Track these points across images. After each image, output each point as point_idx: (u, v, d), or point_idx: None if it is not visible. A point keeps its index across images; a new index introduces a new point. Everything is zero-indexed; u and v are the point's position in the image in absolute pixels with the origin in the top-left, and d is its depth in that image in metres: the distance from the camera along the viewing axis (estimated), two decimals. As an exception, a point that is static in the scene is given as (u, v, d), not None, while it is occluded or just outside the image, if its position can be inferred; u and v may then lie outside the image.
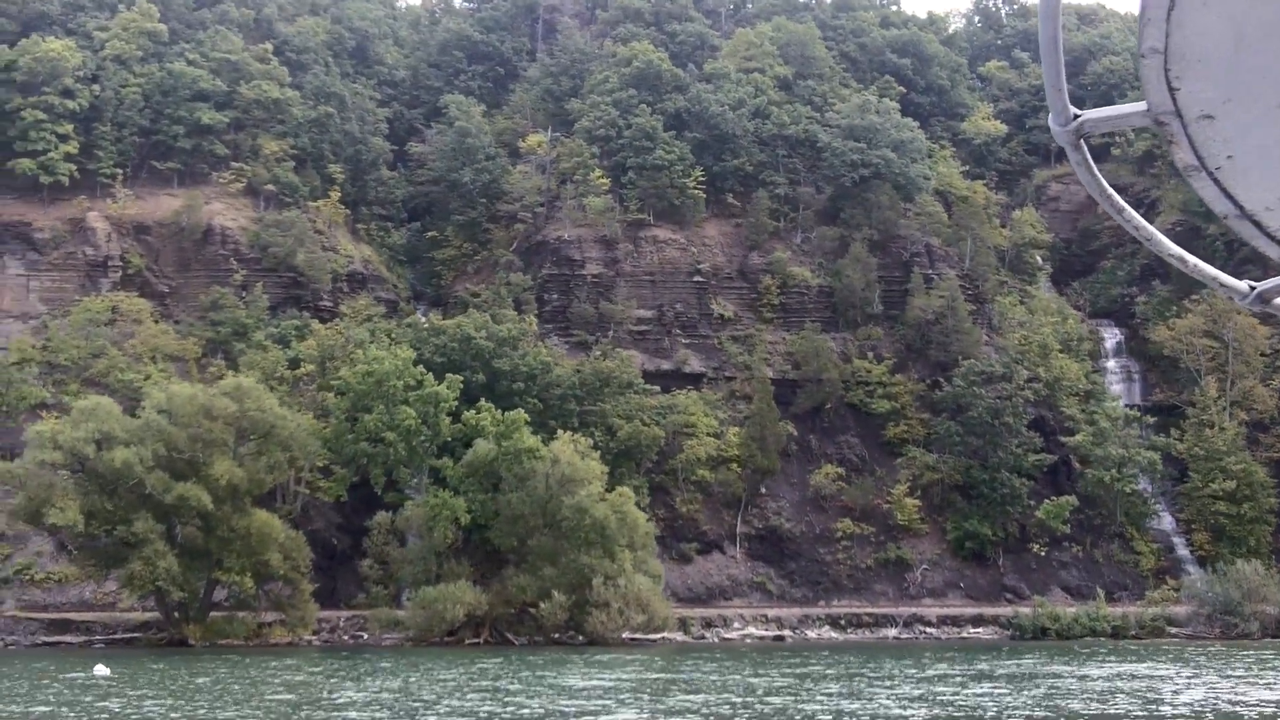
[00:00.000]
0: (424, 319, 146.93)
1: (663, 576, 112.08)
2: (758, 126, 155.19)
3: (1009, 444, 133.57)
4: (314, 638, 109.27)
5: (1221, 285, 5.64)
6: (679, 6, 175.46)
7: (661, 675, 73.26)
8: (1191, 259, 5.60)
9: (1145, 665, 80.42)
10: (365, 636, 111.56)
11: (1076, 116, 4.74)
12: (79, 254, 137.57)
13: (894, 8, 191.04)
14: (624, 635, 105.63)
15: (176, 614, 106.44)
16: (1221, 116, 4.41)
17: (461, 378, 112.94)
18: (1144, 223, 5.33)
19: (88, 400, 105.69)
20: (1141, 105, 4.54)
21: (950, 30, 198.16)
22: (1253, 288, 5.68)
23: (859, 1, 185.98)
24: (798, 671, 75.46)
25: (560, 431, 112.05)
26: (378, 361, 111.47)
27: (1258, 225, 4.96)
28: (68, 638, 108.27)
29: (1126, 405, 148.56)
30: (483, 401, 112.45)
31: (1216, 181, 4.74)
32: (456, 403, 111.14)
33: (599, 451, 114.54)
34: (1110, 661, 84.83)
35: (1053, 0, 4.37)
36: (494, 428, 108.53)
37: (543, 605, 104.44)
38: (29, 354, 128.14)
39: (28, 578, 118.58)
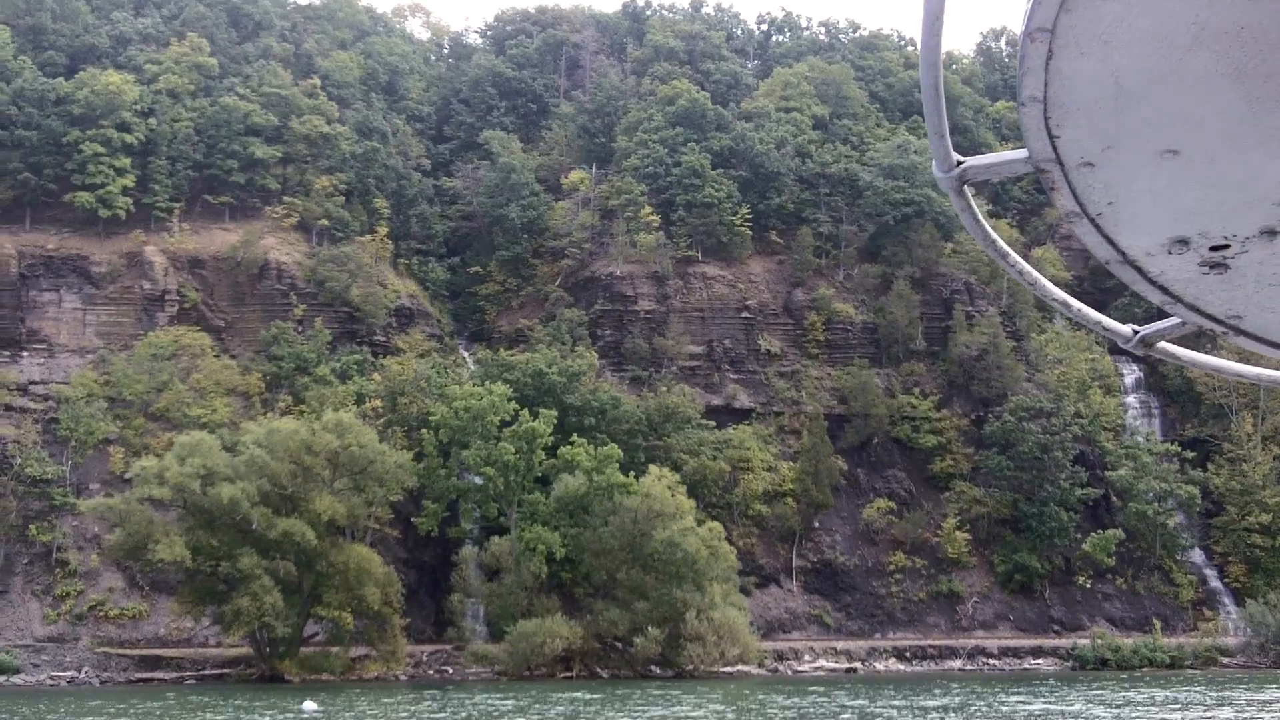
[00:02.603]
0: (466, 354, 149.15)
1: (747, 609, 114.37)
2: (799, 165, 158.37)
3: (1057, 478, 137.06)
4: (399, 672, 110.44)
5: (1104, 329, 5.78)
6: (711, 45, 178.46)
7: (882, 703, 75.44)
8: (1075, 304, 5.68)
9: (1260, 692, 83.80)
10: (450, 671, 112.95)
11: (960, 163, 4.91)
12: (136, 288, 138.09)
13: (910, 49, 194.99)
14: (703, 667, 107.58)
15: (268, 650, 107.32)
16: (1102, 164, 4.51)
17: (555, 413, 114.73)
18: (1028, 267, 5.43)
19: (189, 436, 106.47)
20: (1023, 152, 4.64)
21: (966, 71, 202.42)
22: (1136, 331, 5.79)
23: (883, 42, 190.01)
24: (1003, 696, 77.96)
25: (650, 466, 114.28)
26: (474, 397, 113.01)
27: (1139, 270, 5.06)
28: (159, 674, 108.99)
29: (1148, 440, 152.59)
30: (575, 437, 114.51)
31: (1098, 228, 4.82)
32: (552, 438, 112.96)
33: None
34: (1238, 688, 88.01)
35: (933, 49, 4.42)
36: (589, 463, 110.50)
37: (637, 639, 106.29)
38: (94, 389, 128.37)
39: (102, 614, 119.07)
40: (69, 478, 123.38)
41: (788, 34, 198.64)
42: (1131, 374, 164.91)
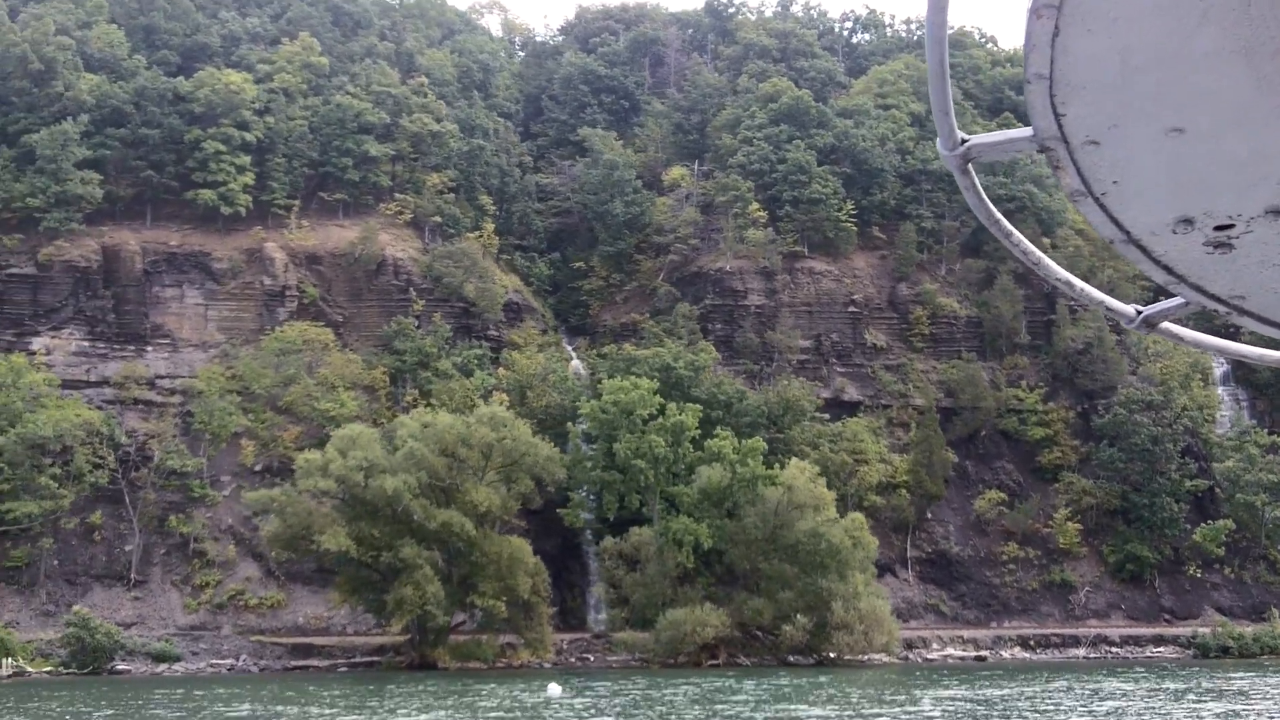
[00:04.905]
0: (570, 348, 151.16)
1: (888, 599, 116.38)
2: (899, 162, 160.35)
3: (1167, 469, 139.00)
4: (545, 659, 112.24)
5: (1108, 309, 5.74)
6: (804, 43, 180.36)
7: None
8: (1079, 284, 5.65)
9: None
10: (591, 659, 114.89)
11: (964, 141, 4.86)
12: (256, 284, 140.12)
13: (990, 46, 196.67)
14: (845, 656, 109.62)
15: (417, 638, 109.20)
16: (1107, 142, 4.45)
17: (700, 408, 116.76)
18: (1032, 247, 5.41)
19: (347, 430, 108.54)
20: (1028, 131, 4.57)
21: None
22: (1139, 311, 5.74)
23: (966, 39, 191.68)
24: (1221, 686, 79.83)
25: (792, 459, 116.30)
26: (622, 391, 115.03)
27: (1143, 250, 4.99)
28: (313, 661, 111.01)
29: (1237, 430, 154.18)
30: (719, 430, 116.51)
31: (1103, 207, 4.76)
32: (699, 431, 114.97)
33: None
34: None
35: (938, 27, 4.39)
36: (734, 455, 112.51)
37: (785, 627, 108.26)
38: (224, 384, 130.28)
39: (241, 604, 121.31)
40: (205, 471, 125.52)
41: (873, 32, 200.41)
42: (1221, 367, 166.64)
